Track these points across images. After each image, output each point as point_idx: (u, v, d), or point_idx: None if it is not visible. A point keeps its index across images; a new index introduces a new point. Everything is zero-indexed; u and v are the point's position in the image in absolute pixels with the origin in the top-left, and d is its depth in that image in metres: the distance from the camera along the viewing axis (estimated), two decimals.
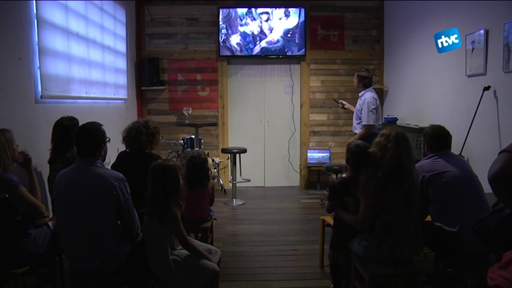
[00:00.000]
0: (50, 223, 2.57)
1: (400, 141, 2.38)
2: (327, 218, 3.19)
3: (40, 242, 2.37)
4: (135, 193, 2.35)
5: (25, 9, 3.02)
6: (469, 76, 3.86)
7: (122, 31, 5.22)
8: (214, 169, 5.85)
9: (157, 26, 6.12)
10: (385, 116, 5.47)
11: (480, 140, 3.62)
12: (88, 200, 2.16)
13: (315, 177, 6.21)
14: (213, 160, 5.80)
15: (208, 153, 5.51)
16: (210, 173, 3.27)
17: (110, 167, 2.75)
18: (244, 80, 6.34)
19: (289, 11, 6.05)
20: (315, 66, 6.25)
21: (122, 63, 5.19)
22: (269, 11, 6.04)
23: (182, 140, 5.56)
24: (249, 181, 6.03)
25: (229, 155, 5.68)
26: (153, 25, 6.11)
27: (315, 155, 6.20)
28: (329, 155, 6.18)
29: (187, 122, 5.39)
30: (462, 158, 3.12)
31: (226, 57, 6.16)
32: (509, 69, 3.25)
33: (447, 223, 2.46)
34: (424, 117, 4.73)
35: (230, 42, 6.07)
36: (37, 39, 3.12)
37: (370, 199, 2.36)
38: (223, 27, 6.04)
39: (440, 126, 2.73)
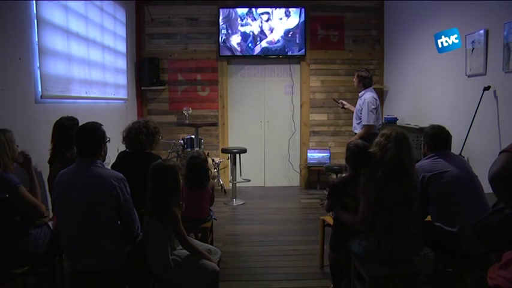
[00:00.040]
0: (50, 223, 2.57)
1: (400, 141, 2.38)
2: (327, 218, 3.19)
3: (40, 242, 2.37)
4: (135, 193, 2.34)
5: (25, 9, 3.02)
6: (469, 76, 3.86)
7: (122, 31, 5.22)
8: (214, 169, 5.84)
9: (157, 26, 6.12)
10: (385, 116, 5.47)
11: (480, 140, 3.62)
12: (88, 200, 2.16)
13: (315, 177, 6.21)
14: (213, 160, 5.80)
15: (208, 153, 5.51)
16: (210, 173, 3.27)
17: (110, 167, 2.75)
18: (244, 80, 6.34)
19: (289, 11, 6.05)
20: (315, 66, 6.25)
21: (122, 63, 5.19)
22: (269, 11, 6.05)
23: (182, 140, 5.56)
24: (249, 181, 6.04)
25: (229, 155, 5.68)
26: (153, 25, 6.11)
27: (315, 155, 6.20)
28: (329, 155, 6.18)
29: (187, 122, 5.39)
30: (462, 158, 3.12)
31: (226, 57, 6.16)
32: (509, 69, 3.25)
33: (447, 223, 2.46)
34: (424, 117, 4.73)
35: (230, 43, 6.07)
36: (37, 39, 3.12)
37: (370, 199, 2.36)
38: (223, 28, 6.04)
39: (440, 126, 2.73)
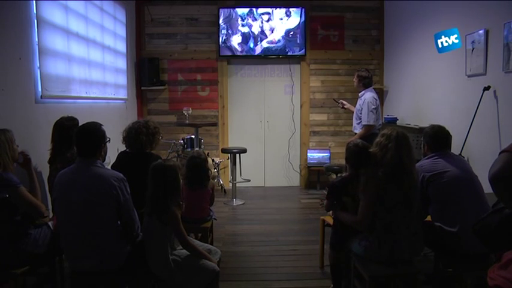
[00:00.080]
0: (50, 223, 2.57)
1: (401, 141, 2.38)
2: (327, 218, 3.18)
3: (40, 242, 2.38)
4: (135, 193, 2.34)
5: (25, 9, 3.02)
6: (469, 76, 3.86)
7: (122, 31, 5.22)
8: (214, 169, 5.84)
9: (157, 26, 6.12)
10: (385, 116, 5.47)
11: (480, 140, 3.62)
12: (88, 200, 2.16)
13: (315, 177, 6.21)
14: (213, 160, 5.80)
15: (208, 153, 5.51)
16: (210, 173, 3.27)
17: (110, 167, 2.75)
18: (244, 80, 6.34)
19: (290, 11, 6.05)
20: (315, 66, 6.25)
21: (122, 63, 5.19)
22: (270, 11, 6.05)
23: (182, 140, 5.56)
24: (249, 181, 6.04)
25: (229, 155, 5.68)
26: (153, 25, 6.11)
27: (315, 155, 6.19)
28: (329, 155, 6.18)
29: (187, 122, 5.39)
30: (462, 158, 3.12)
31: (226, 57, 6.16)
32: (509, 69, 3.25)
33: (447, 223, 2.46)
34: (424, 117, 4.73)
35: (231, 43, 6.07)
36: (37, 39, 3.12)
37: (370, 199, 2.36)
38: (223, 28, 6.04)
39: (440, 126, 2.73)
